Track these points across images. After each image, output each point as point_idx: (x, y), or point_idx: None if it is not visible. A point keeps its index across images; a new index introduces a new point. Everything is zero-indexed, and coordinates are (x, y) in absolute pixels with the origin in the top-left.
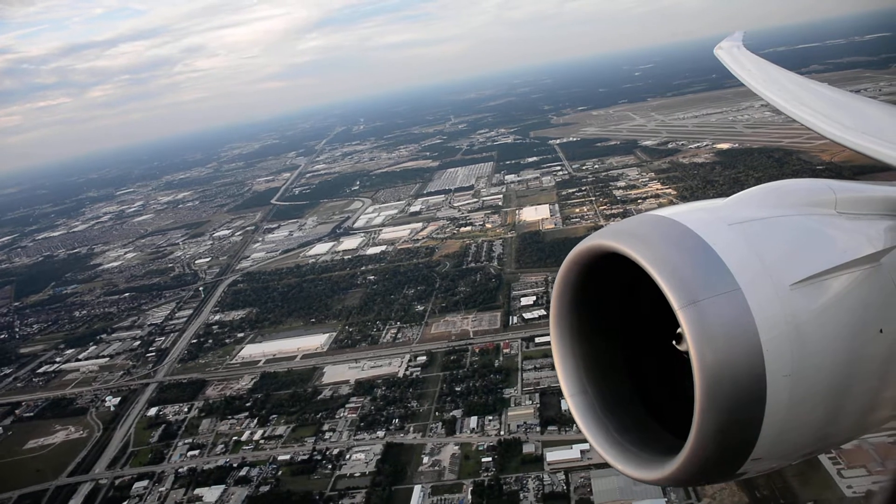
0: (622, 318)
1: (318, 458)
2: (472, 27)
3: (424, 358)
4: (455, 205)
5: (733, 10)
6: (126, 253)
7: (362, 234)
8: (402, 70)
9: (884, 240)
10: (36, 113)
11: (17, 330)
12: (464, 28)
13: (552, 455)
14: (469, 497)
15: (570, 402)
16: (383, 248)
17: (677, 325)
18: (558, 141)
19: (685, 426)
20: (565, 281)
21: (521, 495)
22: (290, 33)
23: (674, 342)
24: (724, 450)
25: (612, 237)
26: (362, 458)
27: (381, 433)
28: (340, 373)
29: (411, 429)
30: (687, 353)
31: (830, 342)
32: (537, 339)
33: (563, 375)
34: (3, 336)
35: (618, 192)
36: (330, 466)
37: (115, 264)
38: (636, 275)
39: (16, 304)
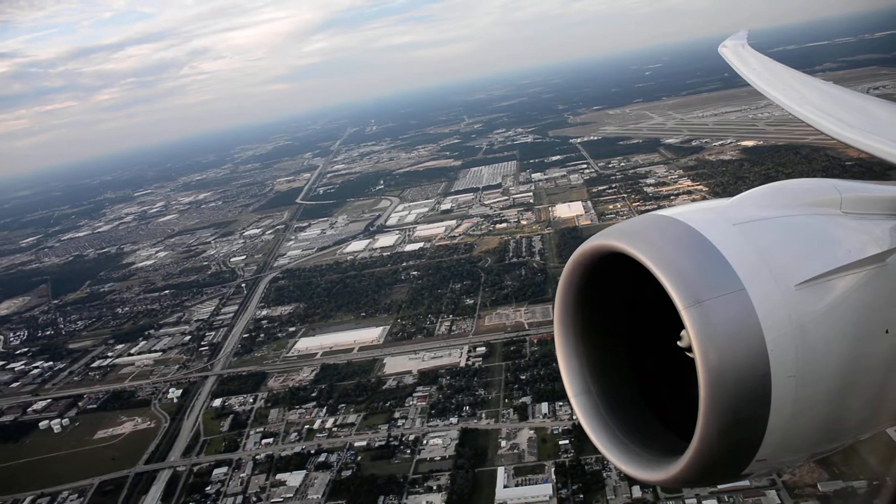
0: (626, 317)
1: (395, 443)
2: (476, 28)
3: (484, 349)
4: (486, 203)
5: (737, 9)
6: (157, 252)
7: (397, 232)
8: (407, 71)
9: (889, 240)
10: (43, 116)
11: (61, 326)
12: (469, 29)
13: None
14: (553, 477)
15: (574, 402)
16: (421, 244)
17: (681, 325)
18: (579, 140)
19: (689, 427)
20: (569, 281)
21: (604, 474)
22: (296, 35)
23: (678, 342)
24: (728, 451)
25: (616, 237)
26: (440, 443)
27: (453, 420)
28: (401, 364)
29: (483, 415)
30: (691, 353)
31: (836, 343)
32: None
33: (567, 375)
34: (49, 332)
35: (648, 189)
36: (408, 451)
37: (148, 263)
38: (640, 274)
39: (55, 301)
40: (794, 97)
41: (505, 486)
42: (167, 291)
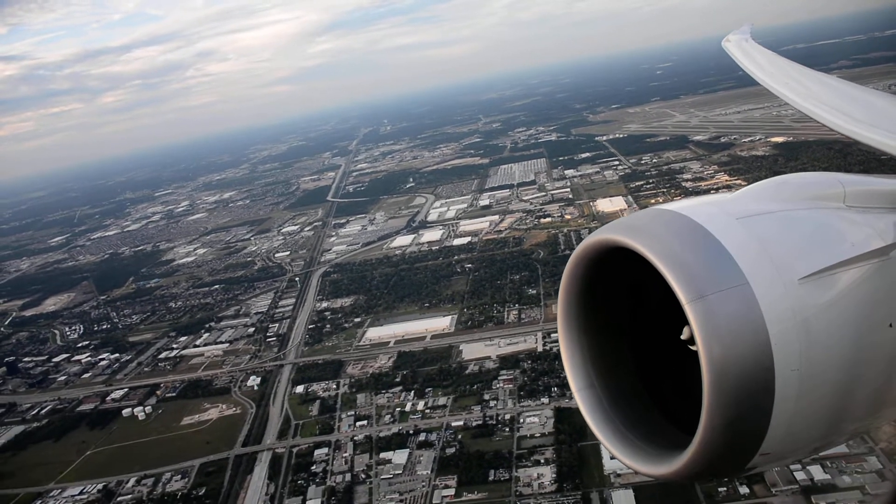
0: (630, 312)
1: (492, 422)
2: (481, 28)
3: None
4: (524, 198)
5: (736, 10)
6: (195, 249)
7: (440, 227)
8: (412, 72)
9: (893, 234)
10: (48, 119)
11: (116, 321)
12: (473, 29)
13: None
14: None
15: (578, 397)
16: (468, 239)
17: (685, 319)
18: (605, 137)
19: (693, 421)
20: (573, 275)
21: None
22: (301, 37)
23: (681, 336)
24: (732, 445)
25: (619, 231)
26: (536, 421)
27: (545, 400)
28: (479, 350)
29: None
30: (695, 347)
31: (839, 337)
32: None
33: (571, 370)
34: (105, 326)
35: (687, 184)
36: (507, 429)
37: (189, 259)
38: (644, 269)
39: (102, 297)
40: (799, 91)
41: (612, 458)
42: (217, 286)
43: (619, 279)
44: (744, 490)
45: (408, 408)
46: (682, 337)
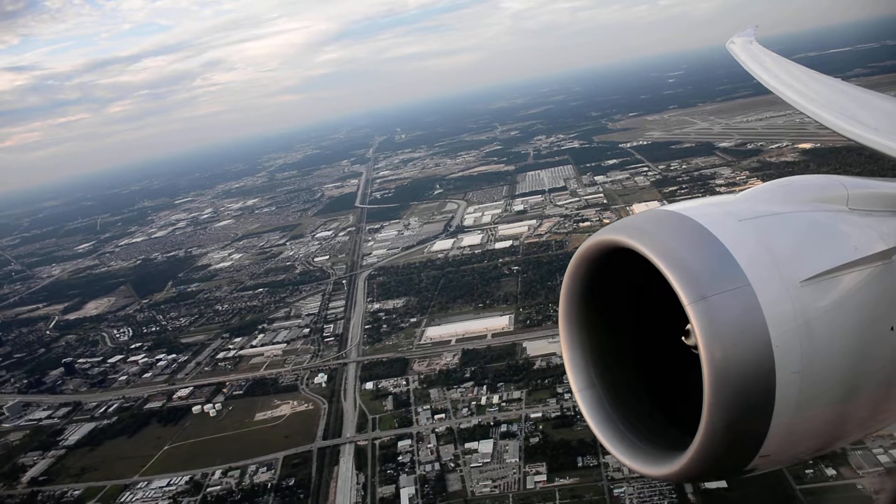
0: (631, 312)
1: (571, 414)
2: (487, 37)
3: None
4: (558, 204)
5: (744, 17)
6: (230, 254)
7: (479, 231)
8: (419, 81)
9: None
10: (55, 129)
11: (164, 323)
12: (479, 38)
13: None
14: None
15: (579, 397)
16: (510, 242)
17: (686, 320)
18: (629, 144)
19: (693, 422)
20: (575, 275)
21: None
22: (308, 46)
23: (683, 338)
24: (732, 446)
25: (621, 232)
26: None
27: None
28: (542, 347)
29: None
30: (696, 348)
31: (840, 339)
32: None
33: (572, 370)
34: (154, 329)
35: (721, 189)
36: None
37: (225, 264)
38: (646, 269)
39: (144, 301)
40: (805, 94)
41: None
42: (261, 290)
43: (621, 280)
44: (830, 472)
45: (483, 401)
46: (684, 338)
